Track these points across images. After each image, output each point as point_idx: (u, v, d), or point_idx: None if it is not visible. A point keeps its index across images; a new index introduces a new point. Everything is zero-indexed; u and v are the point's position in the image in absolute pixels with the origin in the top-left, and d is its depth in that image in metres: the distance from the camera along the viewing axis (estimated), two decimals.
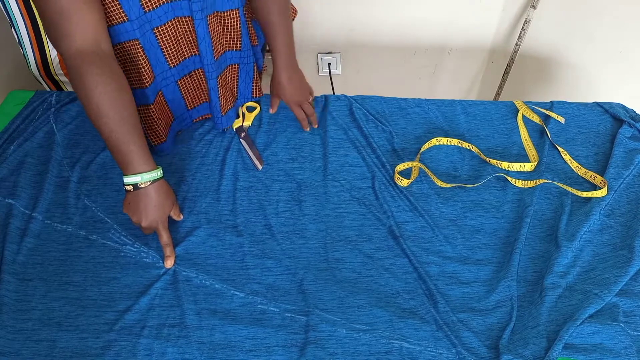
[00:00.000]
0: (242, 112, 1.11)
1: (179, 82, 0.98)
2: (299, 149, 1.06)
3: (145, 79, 0.89)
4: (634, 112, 1.16)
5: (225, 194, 0.98)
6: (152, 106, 0.93)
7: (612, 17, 1.57)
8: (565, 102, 1.18)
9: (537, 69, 1.83)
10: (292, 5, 1.09)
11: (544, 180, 1.01)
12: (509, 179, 1.02)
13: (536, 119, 1.14)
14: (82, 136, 1.05)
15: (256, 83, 1.10)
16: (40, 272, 0.85)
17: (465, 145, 1.08)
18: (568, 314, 0.82)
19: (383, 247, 0.92)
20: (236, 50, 1.00)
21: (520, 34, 1.74)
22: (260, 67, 1.12)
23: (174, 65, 0.93)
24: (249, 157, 1.04)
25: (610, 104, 1.17)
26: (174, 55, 0.92)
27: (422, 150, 1.06)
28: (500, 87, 1.91)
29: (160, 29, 0.86)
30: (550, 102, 1.18)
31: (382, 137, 1.09)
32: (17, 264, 0.85)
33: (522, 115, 1.14)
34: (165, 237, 0.86)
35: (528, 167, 1.04)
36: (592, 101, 1.19)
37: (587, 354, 0.77)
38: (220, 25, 0.94)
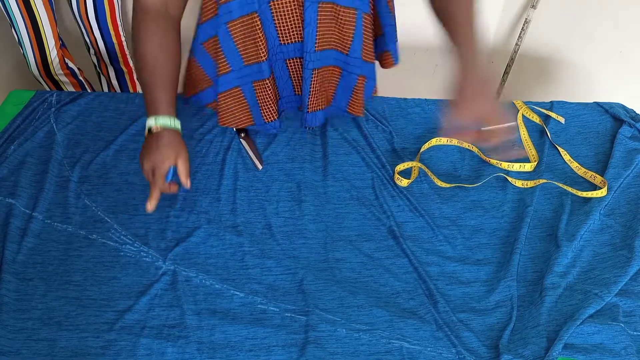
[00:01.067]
0: None
1: (288, 62, 0.96)
2: (299, 149, 1.06)
3: (262, 52, 0.91)
4: (634, 112, 1.16)
5: (225, 194, 0.98)
6: (267, 81, 0.95)
7: (612, 17, 1.57)
8: (565, 102, 1.18)
9: (537, 69, 1.83)
10: None
11: (544, 180, 1.01)
12: (509, 179, 1.02)
13: (536, 119, 1.14)
14: (83, 136, 1.05)
15: (356, 97, 1.03)
16: (41, 272, 0.85)
17: (465, 145, 1.08)
18: (568, 314, 0.82)
19: (383, 247, 0.92)
20: (343, 52, 0.96)
21: (520, 34, 1.74)
22: (370, 88, 1.06)
23: (284, 43, 0.93)
24: (249, 157, 1.04)
25: (610, 104, 1.17)
26: (285, 33, 0.91)
27: (422, 150, 1.06)
28: (500, 87, 1.91)
29: (275, 4, 0.87)
30: (550, 102, 1.18)
31: (382, 137, 1.09)
32: (18, 263, 0.85)
33: (522, 115, 1.14)
34: (156, 181, 0.84)
35: (528, 167, 1.04)
36: (592, 101, 1.19)
37: (587, 354, 0.77)
38: (333, 19, 0.91)
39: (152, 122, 0.85)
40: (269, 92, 0.97)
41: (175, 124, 0.87)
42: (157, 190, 0.85)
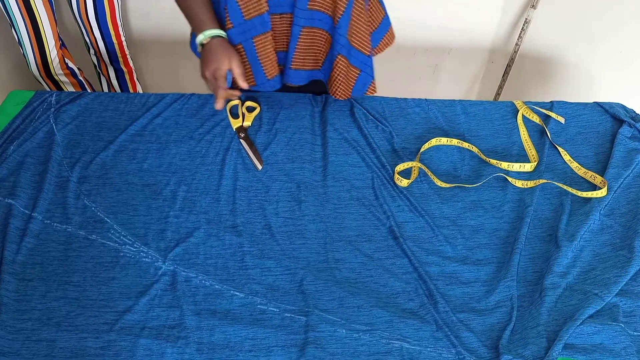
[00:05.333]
0: (242, 112, 1.11)
1: (271, 17, 0.98)
2: (299, 149, 1.06)
3: (262, 4, 0.93)
4: (634, 112, 1.16)
5: (225, 194, 0.98)
6: (269, 33, 0.97)
7: (612, 17, 1.57)
8: (565, 102, 1.18)
9: (537, 69, 1.83)
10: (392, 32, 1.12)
11: (544, 180, 1.01)
12: (509, 179, 1.02)
13: (536, 119, 1.14)
14: (82, 136, 1.05)
15: (336, 76, 1.04)
16: (40, 272, 0.85)
17: (465, 145, 1.08)
18: (568, 314, 0.82)
19: (383, 247, 0.92)
20: (333, 21, 0.97)
21: (520, 34, 1.74)
22: (362, 82, 1.07)
23: None
24: (249, 157, 1.04)
25: (610, 104, 1.17)
26: None
27: (422, 150, 1.06)
28: (500, 87, 1.91)
29: None
30: (550, 102, 1.18)
31: (382, 137, 1.09)
32: (17, 264, 0.85)
33: (522, 115, 1.14)
34: (218, 84, 0.95)
35: (528, 167, 1.04)
36: (592, 101, 1.19)
37: (587, 354, 0.77)
38: None
39: (201, 37, 0.95)
40: (270, 46, 0.99)
41: (220, 33, 0.96)
42: (221, 91, 0.96)
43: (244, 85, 0.96)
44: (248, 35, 0.97)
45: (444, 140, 1.09)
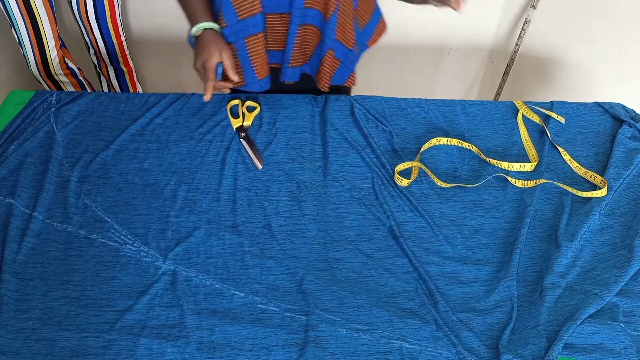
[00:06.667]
0: (242, 112, 1.11)
1: (267, 17, 0.98)
2: (299, 149, 1.06)
3: (255, 6, 0.95)
4: (634, 112, 1.16)
5: (225, 194, 0.98)
6: (260, 35, 0.99)
7: (612, 17, 1.57)
8: (565, 102, 1.18)
9: (537, 69, 1.83)
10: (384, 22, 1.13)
11: (544, 180, 1.01)
12: (509, 179, 1.02)
13: (536, 119, 1.14)
14: (82, 136, 1.05)
15: (323, 69, 1.05)
16: (41, 272, 0.85)
17: (465, 145, 1.08)
18: (568, 314, 0.82)
19: (383, 247, 0.92)
20: (324, 17, 0.98)
21: (520, 34, 1.74)
22: (341, 72, 1.09)
23: None
24: (249, 156, 1.04)
25: (610, 104, 1.17)
26: None
27: (422, 150, 1.06)
28: (500, 87, 1.91)
29: None
30: (550, 102, 1.18)
31: (382, 137, 1.09)
32: (17, 263, 0.85)
33: (522, 115, 1.14)
34: (207, 75, 0.94)
35: (528, 167, 1.04)
36: (592, 101, 1.19)
37: (587, 354, 0.77)
38: None
39: (194, 30, 0.96)
40: (261, 47, 1.00)
41: (212, 25, 0.96)
42: (209, 83, 0.94)
43: (234, 77, 0.97)
44: (240, 35, 0.98)
45: (444, 140, 1.09)
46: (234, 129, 1.08)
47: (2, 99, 1.13)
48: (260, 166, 1.02)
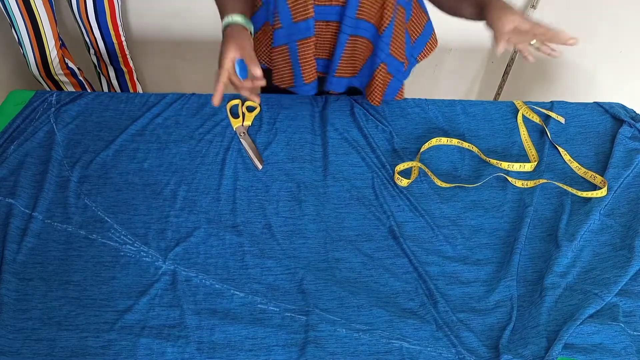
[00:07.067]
0: (242, 112, 1.11)
1: (316, 23, 0.97)
2: (299, 149, 1.06)
3: (309, 10, 0.94)
4: (634, 112, 1.16)
5: (225, 194, 0.98)
6: (311, 39, 0.97)
7: (612, 17, 1.57)
8: (565, 102, 1.18)
9: (537, 69, 1.83)
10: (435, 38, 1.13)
11: (544, 180, 1.01)
12: (509, 179, 1.02)
13: (536, 119, 1.14)
14: (82, 136, 1.05)
15: (375, 83, 1.04)
16: (41, 272, 0.85)
17: (465, 145, 1.08)
18: (568, 314, 0.82)
19: (383, 247, 0.92)
20: (378, 31, 0.97)
21: None
22: (394, 86, 1.08)
23: (324, 4, 0.95)
24: (249, 156, 1.04)
25: (610, 104, 1.17)
26: None
27: (422, 150, 1.06)
28: (500, 87, 1.91)
29: None
30: (550, 102, 1.18)
31: (382, 137, 1.09)
32: (17, 263, 0.85)
33: (522, 115, 1.14)
34: (220, 72, 0.85)
35: (528, 167, 1.04)
36: (592, 101, 1.19)
37: (587, 354, 0.77)
38: None
39: (222, 29, 0.89)
40: (311, 51, 0.99)
41: (235, 19, 0.89)
42: (219, 84, 0.84)
43: (255, 71, 0.83)
44: (293, 38, 0.98)
45: (444, 140, 1.09)
46: (234, 129, 1.08)
47: (2, 99, 1.13)
48: (260, 166, 1.02)
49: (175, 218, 0.93)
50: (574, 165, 1.05)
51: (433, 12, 1.07)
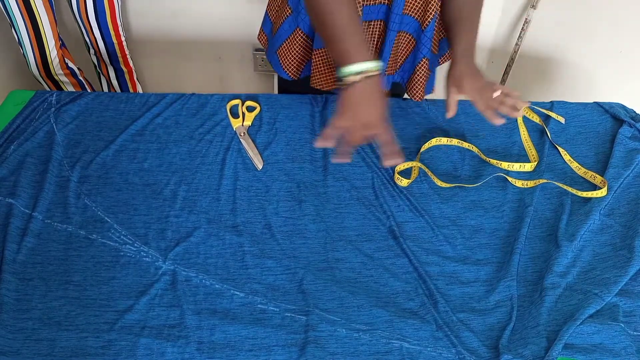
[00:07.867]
0: (242, 112, 1.11)
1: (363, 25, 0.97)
2: (299, 149, 1.06)
3: (358, 11, 0.92)
4: (634, 112, 1.16)
5: (225, 194, 0.98)
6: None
7: (612, 17, 1.57)
8: (565, 102, 1.18)
9: (537, 69, 1.83)
10: None
11: (544, 180, 1.01)
12: (509, 179, 1.02)
13: (536, 119, 1.14)
14: (83, 136, 1.05)
15: (417, 78, 1.03)
16: (40, 272, 0.85)
17: (466, 145, 1.08)
18: (568, 314, 0.82)
19: (383, 247, 0.92)
20: (421, 26, 0.97)
21: (520, 34, 1.74)
22: (431, 83, 1.08)
23: (369, 4, 0.94)
24: (249, 156, 1.04)
25: (610, 104, 1.17)
26: None
27: (422, 150, 1.06)
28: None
29: None
30: (550, 102, 1.18)
31: None
32: (17, 263, 0.85)
33: (522, 115, 1.14)
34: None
35: (528, 167, 1.04)
36: (592, 101, 1.19)
37: (587, 354, 0.77)
38: None
39: (351, 70, 0.77)
40: None
41: (376, 66, 0.78)
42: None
43: (395, 158, 0.80)
44: None
45: (444, 140, 1.09)
46: (234, 129, 1.08)
47: (2, 99, 1.13)
48: (260, 166, 1.02)
49: (175, 218, 0.93)
50: (574, 165, 1.05)
51: None
